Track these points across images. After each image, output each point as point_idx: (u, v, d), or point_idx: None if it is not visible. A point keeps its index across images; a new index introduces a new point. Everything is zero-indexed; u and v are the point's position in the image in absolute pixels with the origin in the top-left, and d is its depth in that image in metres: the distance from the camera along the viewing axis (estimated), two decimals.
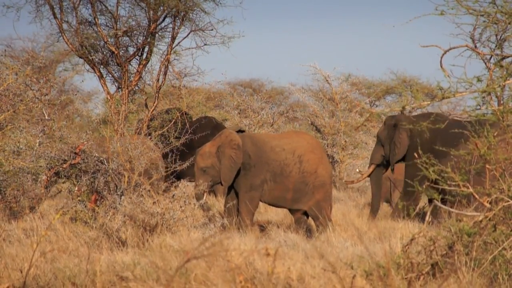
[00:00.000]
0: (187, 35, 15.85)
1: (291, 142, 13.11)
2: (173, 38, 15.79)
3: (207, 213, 12.57)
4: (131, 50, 15.77)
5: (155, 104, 15.87)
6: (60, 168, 12.69)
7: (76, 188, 12.39)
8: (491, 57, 9.31)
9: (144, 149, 12.98)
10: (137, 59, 15.77)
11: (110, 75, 15.75)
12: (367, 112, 22.14)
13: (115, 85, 15.82)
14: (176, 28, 15.77)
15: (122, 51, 15.67)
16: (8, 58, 15.58)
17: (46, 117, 13.39)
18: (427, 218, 8.08)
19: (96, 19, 15.53)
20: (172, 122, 16.40)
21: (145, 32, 15.62)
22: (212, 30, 15.81)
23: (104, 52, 15.68)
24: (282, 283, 7.50)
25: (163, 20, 15.74)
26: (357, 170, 16.15)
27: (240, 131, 13.45)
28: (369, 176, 14.79)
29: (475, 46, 9.48)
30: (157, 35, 15.72)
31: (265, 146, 12.99)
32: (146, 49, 15.75)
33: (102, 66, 15.72)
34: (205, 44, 15.92)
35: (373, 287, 7.37)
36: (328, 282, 7.62)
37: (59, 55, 28.46)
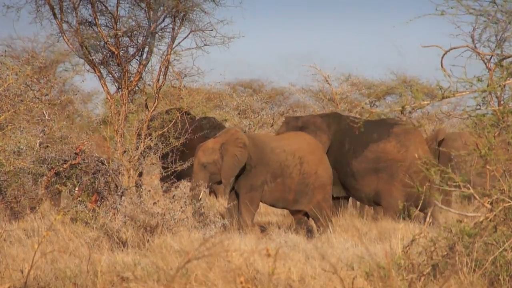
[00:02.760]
0: (187, 35, 15.83)
1: (291, 143, 13.10)
2: (173, 39, 15.77)
3: (203, 218, 12.53)
4: (131, 50, 15.75)
5: (155, 105, 15.85)
6: (61, 169, 12.69)
7: (77, 189, 12.39)
8: (491, 57, 9.31)
9: None
10: (137, 60, 15.75)
11: (110, 76, 15.73)
12: (367, 112, 22.13)
13: (115, 86, 15.80)
14: (176, 28, 15.75)
15: (122, 52, 15.66)
16: (8, 58, 15.59)
17: (47, 117, 13.39)
18: (427, 219, 8.08)
19: (96, 20, 15.51)
20: (172, 123, 16.38)
21: (145, 33, 15.61)
22: (212, 30, 15.79)
23: (104, 53, 15.67)
24: (283, 283, 7.51)
25: (163, 20, 15.72)
26: None
27: None
28: None
29: (475, 46, 9.47)
30: (157, 35, 15.70)
31: (266, 147, 12.98)
32: (146, 49, 15.73)
33: (102, 67, 15.70)
34: (205, 45, 15.90)
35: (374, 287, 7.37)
36: (328, 282, 7.62)
37: (59, 56, 28.40)
